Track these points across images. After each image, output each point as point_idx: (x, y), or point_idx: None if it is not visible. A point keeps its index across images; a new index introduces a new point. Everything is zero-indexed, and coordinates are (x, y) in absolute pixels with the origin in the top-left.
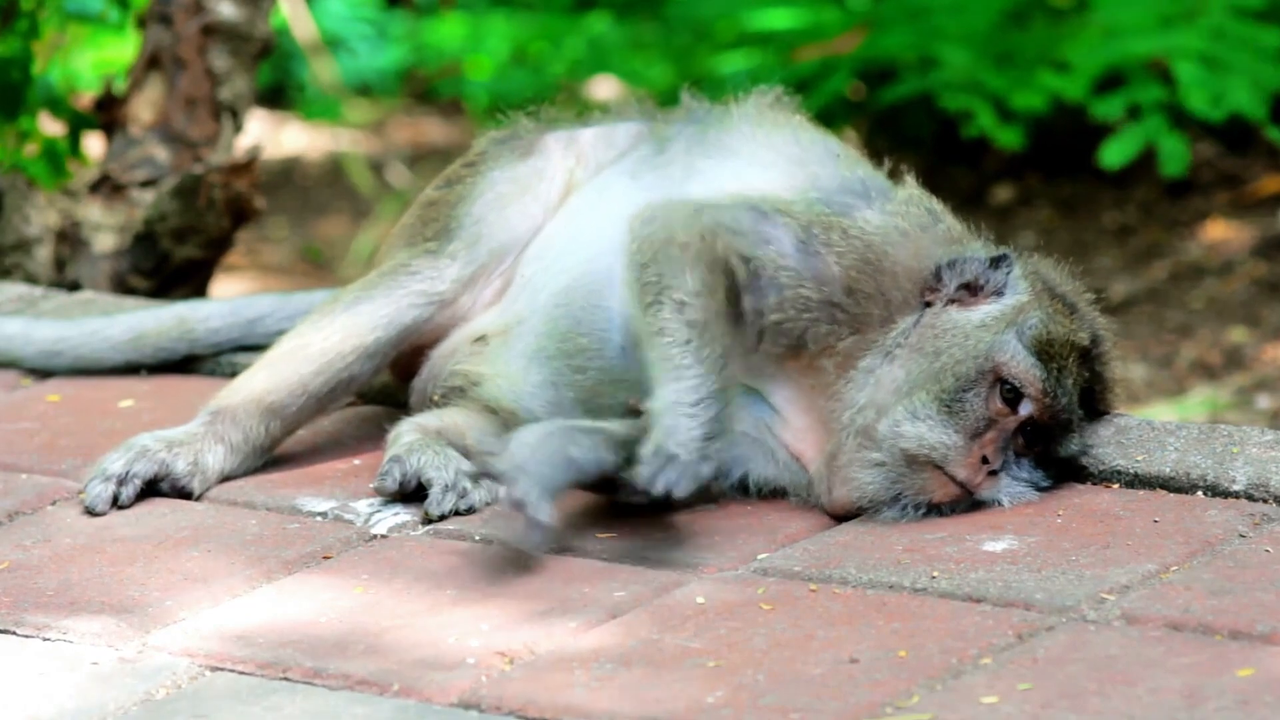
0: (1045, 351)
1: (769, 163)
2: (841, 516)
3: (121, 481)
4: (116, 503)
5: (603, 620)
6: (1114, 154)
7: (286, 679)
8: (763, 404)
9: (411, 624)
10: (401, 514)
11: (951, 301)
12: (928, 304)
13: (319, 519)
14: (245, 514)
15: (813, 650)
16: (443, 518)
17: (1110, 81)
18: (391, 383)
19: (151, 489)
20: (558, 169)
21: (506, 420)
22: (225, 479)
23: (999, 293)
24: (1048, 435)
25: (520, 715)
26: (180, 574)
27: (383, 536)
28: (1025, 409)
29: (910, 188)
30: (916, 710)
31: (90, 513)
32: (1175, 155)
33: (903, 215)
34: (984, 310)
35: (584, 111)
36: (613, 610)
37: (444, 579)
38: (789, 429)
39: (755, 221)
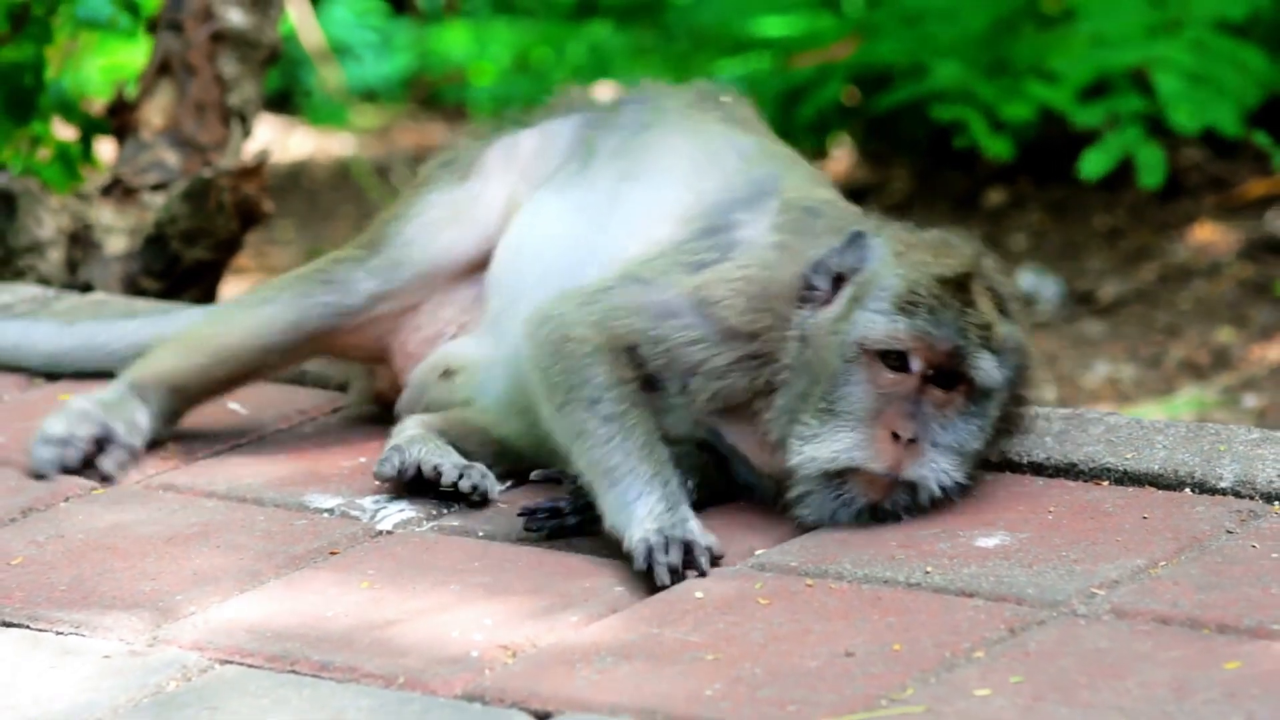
0: (910, 301)
1: (672, 182)
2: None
3: (64, 444)
4: (64, 466)
5: (603, 614)
6: (1093, 165)
7: (294, 672)
8: (720, 440)
9: (416, 618)
10: (407, 510)
11: (824, 303)
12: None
13: (326, 515)
14: (254, 510)
15: (809, 644)
16: (454, 485)
17: (1095, 90)
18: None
19: (95, 451)
20: (496, 191)
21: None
22: (150, 442)
23: (858, 269)
24: (959, 373)
25: (523, 707)
26: (190, 569)
27: (388, 533)
28: (915, 365)
29: (794, 182)
30: (910, 702)
31: (38, 476)
32: (1153, 165)
33: (780, 225)
34: (839, 298)
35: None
36: (613, 605)
37: (448, 574)
38: (750, 451)
39: (645, 294)
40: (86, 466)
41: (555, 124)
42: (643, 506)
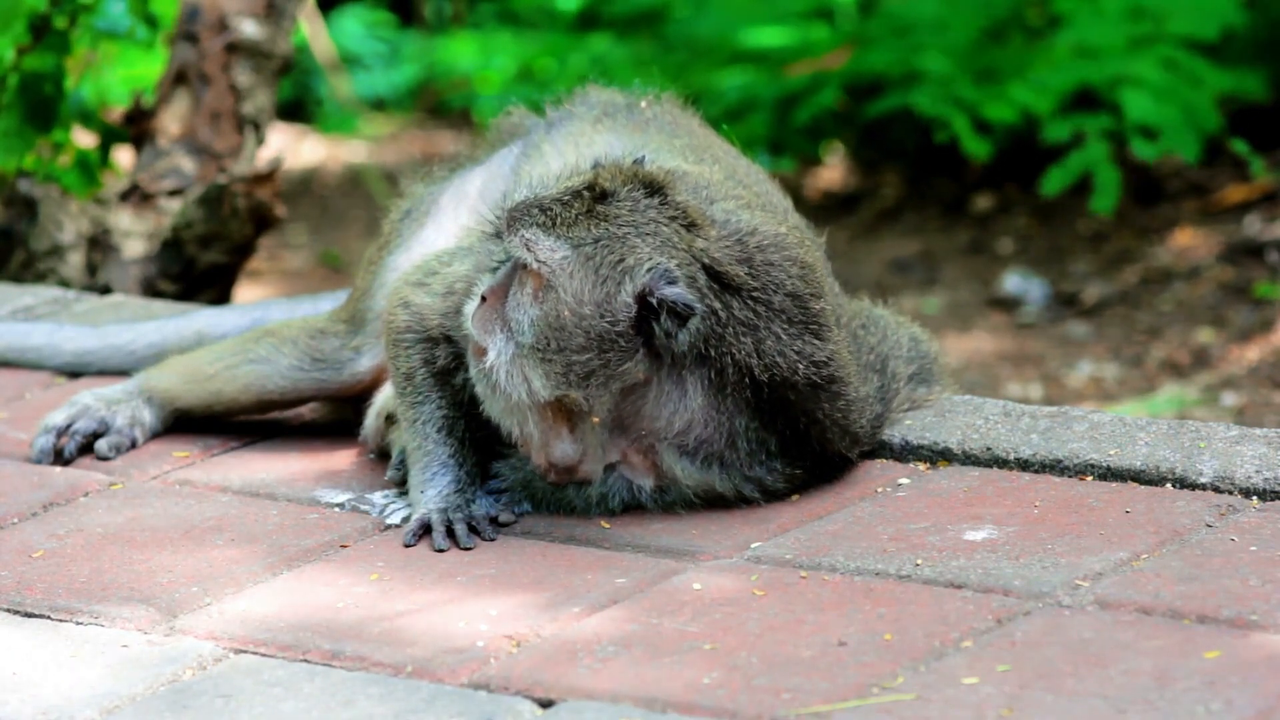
0: (538, 184)
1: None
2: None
3: (62, 434)
4: (61, 456)
5: (605, 606)
6: (1053, 182)
7: (306, 661)
8: None
9: (424, 610)
10: None
11: None
12: None
13: (337, 510)
14: (267, 505)
15: (803, 634)
16: None
17: (1078, 97)
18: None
19: (91, 443)
20: (450, 237)
21: None
22: (151, 436)
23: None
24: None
25: (527, 695)
26: (206, 562)
27: (397, 527)
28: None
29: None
30: (901, 690)
31: (37, 463)
32: (1107, 188)
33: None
34: None
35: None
36: (614, 596)
37: (455, 567)
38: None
39: (457, 260)
40: (84, 452)
41: (499, 157)
42: (434, 488)
